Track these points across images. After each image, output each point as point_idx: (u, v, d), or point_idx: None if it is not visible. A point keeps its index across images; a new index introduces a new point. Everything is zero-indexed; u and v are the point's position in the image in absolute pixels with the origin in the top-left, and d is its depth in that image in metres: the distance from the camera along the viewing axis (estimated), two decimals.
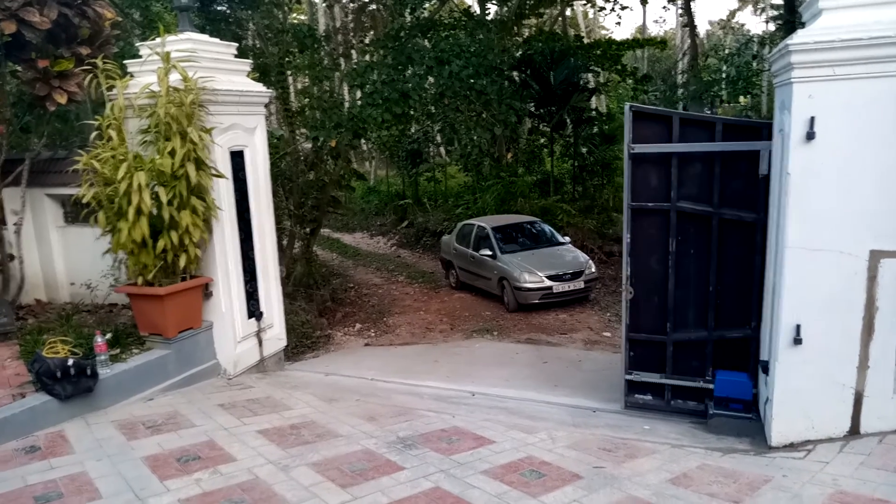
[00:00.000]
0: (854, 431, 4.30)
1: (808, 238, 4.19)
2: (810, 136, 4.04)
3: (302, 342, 9.00)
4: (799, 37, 4.00)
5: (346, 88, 15.94)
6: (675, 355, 5.72)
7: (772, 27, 25.43)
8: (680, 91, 20.12)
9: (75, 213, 6.61)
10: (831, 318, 4.23)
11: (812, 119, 4.02)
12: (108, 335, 5.17)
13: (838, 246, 4.15)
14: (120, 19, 7.26)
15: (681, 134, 5.43)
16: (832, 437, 4.33)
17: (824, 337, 4.25)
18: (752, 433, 4.85)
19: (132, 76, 5.81)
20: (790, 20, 14.68)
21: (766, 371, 4.76)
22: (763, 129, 5.26)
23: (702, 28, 36.87)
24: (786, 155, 4.24)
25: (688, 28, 22.45)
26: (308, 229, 12.62)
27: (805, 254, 4.21)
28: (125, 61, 6.03)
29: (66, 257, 6.93)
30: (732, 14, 37.56)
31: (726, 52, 23.59)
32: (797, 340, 4.27)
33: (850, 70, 3.93)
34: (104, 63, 5.47)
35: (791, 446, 4.39)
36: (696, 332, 5.65)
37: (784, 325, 4.32)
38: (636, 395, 5.88)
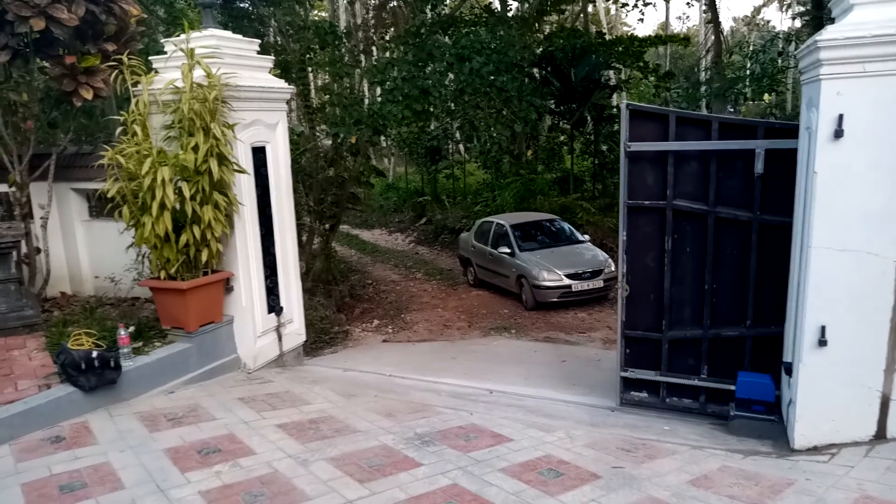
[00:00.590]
0: (880, 436, 4.22)
1: (834, 238, 4.11)
2: (838, 133, 3.97)
3: (320, 337, 9.07)
4: (829, 32, 3.93)
5: (366, 85, 15.96)
6: (670, 353, 5.71)
7: (798, 24, 24.98)
8: (703, 88, 19.85)
9: (100, 207, 6.73)
10: (858, 319, 4.14)
11: (840, 117, 3.95)
12: (131, 328, 5.24)
13: (866, 246, 4.06)
14: (145, 16, 7.35)
15: (677, 132, 5.41)
16: (857, 440, 4.25)
17: (850, 339, 4.17)
18: (774, 435, 4.78)
19: (157, 72, 5.87)
20: (817, 16, 14.39)
21: (789, 373, 4.69)
22: (759, 128, 5.22)
23: (726, 25, 36.32)
24: (812, 153, 4.16)
25: (712, 24, 22.13)
26: (327, 225, 12.70)
27: (831, 254, 4.13)
28: (150, 57, 6.10)
29: (90, 251, 7.05)
30: (757, 10, 37.02)
31: (751, 48, 23.20)
32: (822, 342, 4.20)
33: (881, 66, 3.85)
34: (129, 59, 5.53)
35: (815, 449, 4.32)
36: (692, 329, 5.62)
37: (808, 327, 4.25)
38: (632, 392, 5.88)
